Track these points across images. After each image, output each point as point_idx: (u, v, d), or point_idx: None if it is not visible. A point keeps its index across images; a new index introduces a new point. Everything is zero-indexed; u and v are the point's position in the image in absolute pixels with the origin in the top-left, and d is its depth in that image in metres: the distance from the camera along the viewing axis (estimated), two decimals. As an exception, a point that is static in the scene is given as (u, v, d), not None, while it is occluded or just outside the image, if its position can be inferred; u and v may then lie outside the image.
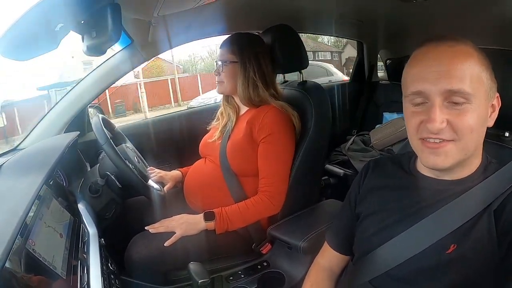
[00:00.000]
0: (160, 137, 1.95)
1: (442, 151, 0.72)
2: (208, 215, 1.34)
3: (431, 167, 0.77)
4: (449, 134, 0.71)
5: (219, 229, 1.33)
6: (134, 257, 1.27)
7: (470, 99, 0.69)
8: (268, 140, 1.36)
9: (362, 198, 0.93)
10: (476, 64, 0.71)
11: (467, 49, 0.72)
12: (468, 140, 0.71)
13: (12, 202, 0.78)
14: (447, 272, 0.73)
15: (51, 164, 0.98)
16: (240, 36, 1.49)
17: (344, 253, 1.01)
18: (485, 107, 0.73)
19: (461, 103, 0.69)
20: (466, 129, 0.70)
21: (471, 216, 0.73)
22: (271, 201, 1.36)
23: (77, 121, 1.64)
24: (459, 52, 0.71)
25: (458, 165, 0.75)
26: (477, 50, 0.73)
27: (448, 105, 0.71)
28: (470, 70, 0.70)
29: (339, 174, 2.18)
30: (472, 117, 0.70)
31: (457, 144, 0.71)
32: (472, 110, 0.70)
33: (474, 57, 0.71)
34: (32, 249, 0.69)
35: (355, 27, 2.38)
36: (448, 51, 0.71)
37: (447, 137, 0.71)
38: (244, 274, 1.36)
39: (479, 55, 0.72)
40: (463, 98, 0.69)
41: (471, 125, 0.70)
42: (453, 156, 0.72)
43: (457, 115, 0.70)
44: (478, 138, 0.74)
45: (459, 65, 0.70)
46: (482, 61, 0.72)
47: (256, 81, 1.42)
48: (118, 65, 1.63)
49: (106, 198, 1.26)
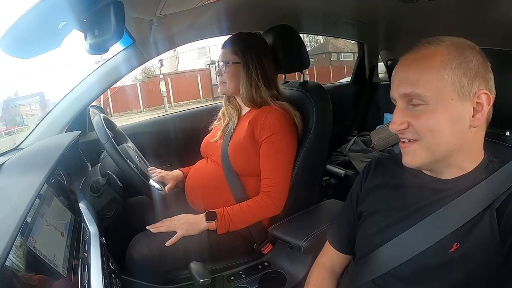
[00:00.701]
0: (162, 137, 1.95)
1: (409, 150, 0.77)
2: (210, 215, 1.33)
3: (405, 165, 0.80)
4: (411, 134, 0.76)
5: (220, 230, 1.33)
6: (135, 256, 1.27)
7: (426, 101, 0.72)
8: (270, 140, 1.36)
9: (363, 197, 0.94)
10: (438, 64, 0.71)
11: (430, 50, 0.74)
12: (430, 140, 0.74)
13: (13, 200, 0.77)
14: (450, 271, 0.73)
15: (52, 163, 0.98)
16: (242, 36, 1.48)
17: (345, 252, 1.01)
18: (456, 107, 0.72)
19: (418, 104, 0.73)
20: (424, 129, 0.73)
21: (473, 215, 0.72)
22: (273, 202, 1.35)
23: (78, 121, 1.65)
24: (419, 57, 0.74)
25: (439, 165, 0.78)
26: (446, 49, 0.72)
27: (411, 107, 0.75)
28: (427, 72, 0.72)
29: (340, 174, 2.18)
30: (430, 118, 0.72)
31: (421, 144, 0.75)
32: (430, 111, 0.72)
33: (434, 58, 0.72)
34: (33, 247, 0.69)
35: (356, 27, 2.38)
36: (411, 58, 0.76)
37: (411, 137, 0.76)
38: (245, 274, 1.36)
39: (445, 54, 0.72)
40: (419, 100, 0.73)
41: (429, 126, 0.73)
42: (420, 156, 0.76)
43: (415, 117, 0.74)
44: (450, 138, 0.73)
45: (415, 69, 0.74)
46: (447, 60, 0.71)
47: (259, 82, 1.41)
48: (119, 64, 1.64)
49: (107, 197, 1.26)
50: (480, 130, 0.76)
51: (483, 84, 0.72)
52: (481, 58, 0.73)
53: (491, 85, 0.74)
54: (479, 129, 0.75)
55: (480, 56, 0.73)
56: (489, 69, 0.74)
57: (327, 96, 1.48)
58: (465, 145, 0.74)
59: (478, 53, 0.73)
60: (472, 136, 0.74)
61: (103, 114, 1.45)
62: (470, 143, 0.75)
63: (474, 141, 0.76)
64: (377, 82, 2.81)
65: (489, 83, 0.73)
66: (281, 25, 1.54)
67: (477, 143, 0.77)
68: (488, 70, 0.74)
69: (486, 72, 0.73)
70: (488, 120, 0.77)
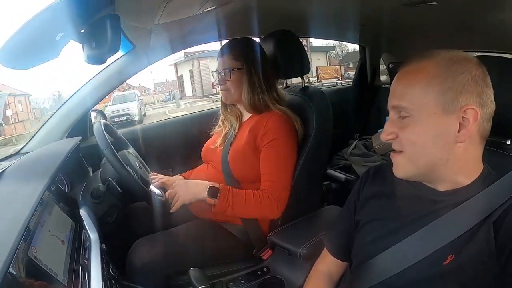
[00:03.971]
0: (163, 142, 1.96)
1: (395, 160, 0.80)
2: (212, 192, 1.31)
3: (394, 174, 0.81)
4: (397, 145, 0.77)
5: (219, 207, 1.31)
6: (136, 262, 1.28)
7: (411, 113, 0.73)
8: (271, 145, 1.35)
9: (361, 205, 0.94)
10: (424, 78, 0.72)
11: (420, 65, 0.74)
12: (412, 153, 0.75)
13: (14, 208, 0.78)
14: (445, 282, 0.73)
15: (53, 170, 0.99)
16: (241, 41, 1.48)
17: (342, 259, 1.01)
18: (439, 121, 0.71)
19: (404, 117, 0.75)
20: (407, 141, 0.75)
21: (469, 227, 0.72)
22: (275, 202, 1.34)
23: (79, 126, 1.66)
24: (409, 71, 0.76)
25: (428, 177, 0.79)
26: (435, 64, 0.72)
27: (399, 119, 0.76)
28: (412, 87, 0.74)
29: (341, 179, 2.18)
30: (412, 131, 0.74)
31: (404, 155, 0.77)
32: (414, 124, 0.73)
33: (423, 73, 0.73)
34: (34, 256, 0.70)
35: (357, 31, 2.38)
36: (403, 71, 0.77)
37: (397, 148, 0.78)
38: (244, 279, 1.35)
39: (436, 68, 0.72)
40: (405, 112, 0.74)
41: (410, 138, 0.74)
42: (403, 167, 0.78)
43: (401, 129, 0.76)
44: (431, 153, 0.73)
45: (403, 83, 0.76)
46: (437, 74, 0.71)
47: (261, 86, 1.41)
48: (120, 70, 1.65)
49: (108, 203, 1.27)
50: (471, 145, 0.74)
51: (472, 99, 0.70)
52: (476, 72, 0.71)
53: (484, 100, 0.71)
54: (470, 144, 0.73)
55: (476, 69, 0.71)
56: (484, 83, 0.72)
57: (328, 102, 1.48)
58: (452, 160, 0.73)
59: (474, 66, 0.71)
60: (460, 151, 0.73)
61: (103, 120, 1.46)
62: (460, 158, 0.74)
63: (465, 157, 0.74)
64: (379, 85, 2.81)
65: (481, 98, 0.71)
66: (280, 30, 1.55)
67: (470, 158, 0.75)
68: (481, 85, 0.71)
69: (478, 86, 0.71)
70: (484, 135, 0.75)
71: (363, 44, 2.77)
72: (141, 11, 1.10)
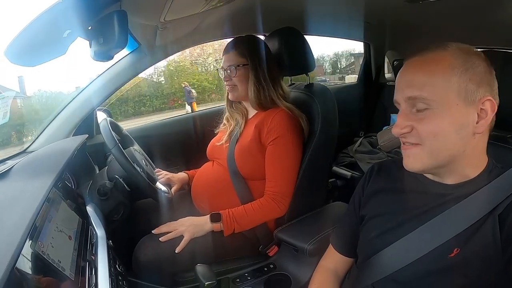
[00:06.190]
0: (168, 140, 1.97)
1: (411, 153, 0.77)
2: (215, 217, 1.34)
3: (406, 168, 0.79)
4: (413, 138, 0.75)
5: (226, 231, 1.34)
6: (142, 258, 1.28)
7: (431, 105, 0.71)
8: (276, 143, 1.36)
9: (366, 201, 0.94)
10: (445, 69, 0.71)
11: (437, 55, 0.73)
12: (433, 145, 0.73)
13: (22, 204, 0.79)
14: (450, 276, 0.73)
15: (60, 167, 0.99)
16: (246, 38, 1.49)
17: (348, 255, 1.01)
18: (461, 112, 0.71)
19: (423, 109, 0.72)
20: (428, 134, 0.72)
21: (475, 220, 0.72)
22: (277, 204, 1.36)
23: (85, 124, 1.66)
24: (426, 60, 0.74)
25: (441, 170, 0.77)
26: (453, 55, 0.72)
27: (414, 111, 0.74)
28: (434, 76, 0.71)
29: (346, 176, 2.17)
30: (435, 123, 0.72)
31: (423, 148, 0.74)
32: (435, 116, 0.71)
33: (441, 62, 0.72)
34: (41, 251, 0.70)
35: (362, 29, 2.37)
36: (417, 61, 0.75)
37: (413, 141, 0.75)
38: (251, 276, 1.36)
39: (453, 59, 0.72)
40: (424, 104, 0.72)
41: (433, 130, 0.72)
42: (421, 160, 0.75)
43: (419, 121, 0.73)
44: (453, 144, 0.73)
45: (422, 72, 0.73)
46: (454, 64, 0.71)
47: (267, 82, 1.42)
48: (126, 68, 1.66)
49: (114, 200, 1.27)
50: (483, 137, 0.75)
51: (488, 91, 0.72)
52: (486, 65, 0.72)
53: (495, 92, 0.74)
54: (482, 135, 0.74)
55: (486, 63, 0.73)
56: (494, 76, 0.73)
57: (333, 99, 1.48)
58: (467, 151, 0.74)
59: (484, 60, 0.73)
60: (475, 142, 0.74)
61: (110, 118, 1.46)
62: (473, 149, 0.75)
63: (477, 148, 0.76)
64: (384, 82, 2.80)
65: (494, 90, 0.73)
66: (286, 28, 1.55)
67: (480, 150, 0.77)
68: (493, 77, 0.73)
69: (491, 79, 0.73)
70: (491, 127, 0.76)
71: (367, 41, 2.76)
72: (147, 7, 1.10)
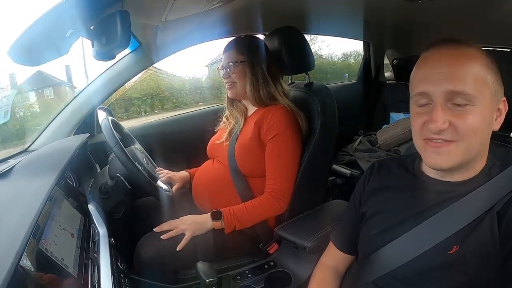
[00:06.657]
0: (169, 138, 1.97)
1: (444, 150, 0.73)
2: (215, 215, 1.35)
3: (433, 166, 0.77)
4: (451, 134, 0.72)
5: (227, 228, 1.34)
6: (143, 256, 1.29)
7: (472, 101, 0.70)
8: (276, 140, 1.37)
9: (366, 198, 0.94)
10: (481, 66, 0.71)
11: (472, 51, 0.72)
12: (471, 142, 0.72)
13: (25, 203, 0.80)
14: (450, 272, 0.73)
15: (62, 166, 1.00)
16: (245, 38, 1.52)
17: (348, 252, 1.02)
18: (490, 110, 0.73)
19: (463, 104, 0.70)
20: (468, 130, 0.70)
21: (474, 218, 0.73)
22: (276, 201, 1.37)
23: (86, 123, 1.67)
24: (463, 54, 0.72)
25: (461, 166, 0.76)
26: (483, 53, 0.73)
27: (451, 106, 0.71)
28: (474, 72, 0.70)
29: (346, 174, 2.17)
30: (474, 119, 0.70)
31: (459, 144, 0.72)
32: (474, 112, 0.70)
33: (478, 60, 0.72)
34: (44, 249, 0.71)
35: (361, 28, 2.38)
36: (452, 53, 0.72)
37: (448, 138, 0.72)
38: (251, 273, 1.37)
39: (485, 58, 0.72)
40: (465, 99, 0.70)
41: (473, 126, 0.70)
42: (456, 157, 0.73)
43: (459, 117, 0.71)
44: (482, 140, 0.74)
45: (462, 66, 0.71)
46: (488, 64, 0.72)
47: (265, 79, 1.43)
48: (126, 67, 1.66)
49: (116, 198, 1.28)
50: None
51: (503, 90, 0.75)
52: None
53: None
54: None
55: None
56: None
57: (332, 97, 1.49)
58: (482, 149, 0.76)
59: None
60: (487, 140, 0.76)
61: (111, 116, 1.47)
62: (485, 147, 0.77)
63: (487, 145, 0.77)
64: (383, 81, 2.80)
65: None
66: (285, 27, 1.55)
67: (487, 147, 0.78)
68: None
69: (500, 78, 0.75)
70: None
71: (367, 40, 2.76)
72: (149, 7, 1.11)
